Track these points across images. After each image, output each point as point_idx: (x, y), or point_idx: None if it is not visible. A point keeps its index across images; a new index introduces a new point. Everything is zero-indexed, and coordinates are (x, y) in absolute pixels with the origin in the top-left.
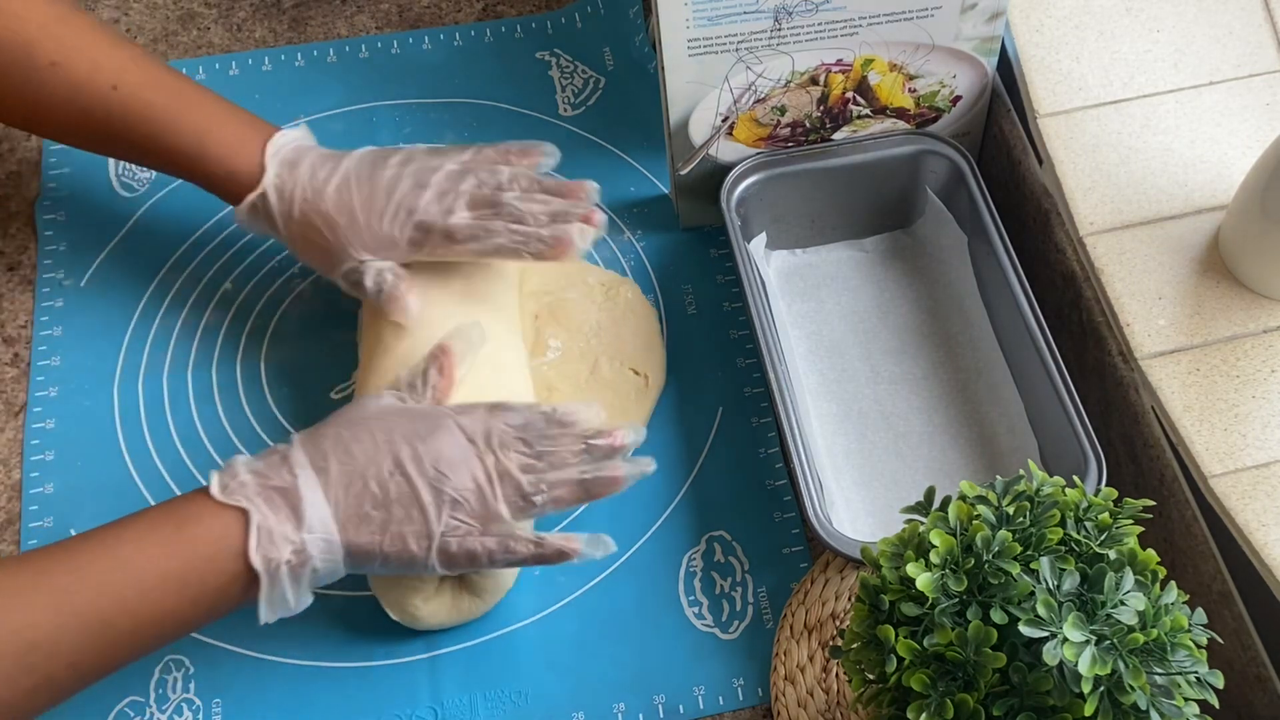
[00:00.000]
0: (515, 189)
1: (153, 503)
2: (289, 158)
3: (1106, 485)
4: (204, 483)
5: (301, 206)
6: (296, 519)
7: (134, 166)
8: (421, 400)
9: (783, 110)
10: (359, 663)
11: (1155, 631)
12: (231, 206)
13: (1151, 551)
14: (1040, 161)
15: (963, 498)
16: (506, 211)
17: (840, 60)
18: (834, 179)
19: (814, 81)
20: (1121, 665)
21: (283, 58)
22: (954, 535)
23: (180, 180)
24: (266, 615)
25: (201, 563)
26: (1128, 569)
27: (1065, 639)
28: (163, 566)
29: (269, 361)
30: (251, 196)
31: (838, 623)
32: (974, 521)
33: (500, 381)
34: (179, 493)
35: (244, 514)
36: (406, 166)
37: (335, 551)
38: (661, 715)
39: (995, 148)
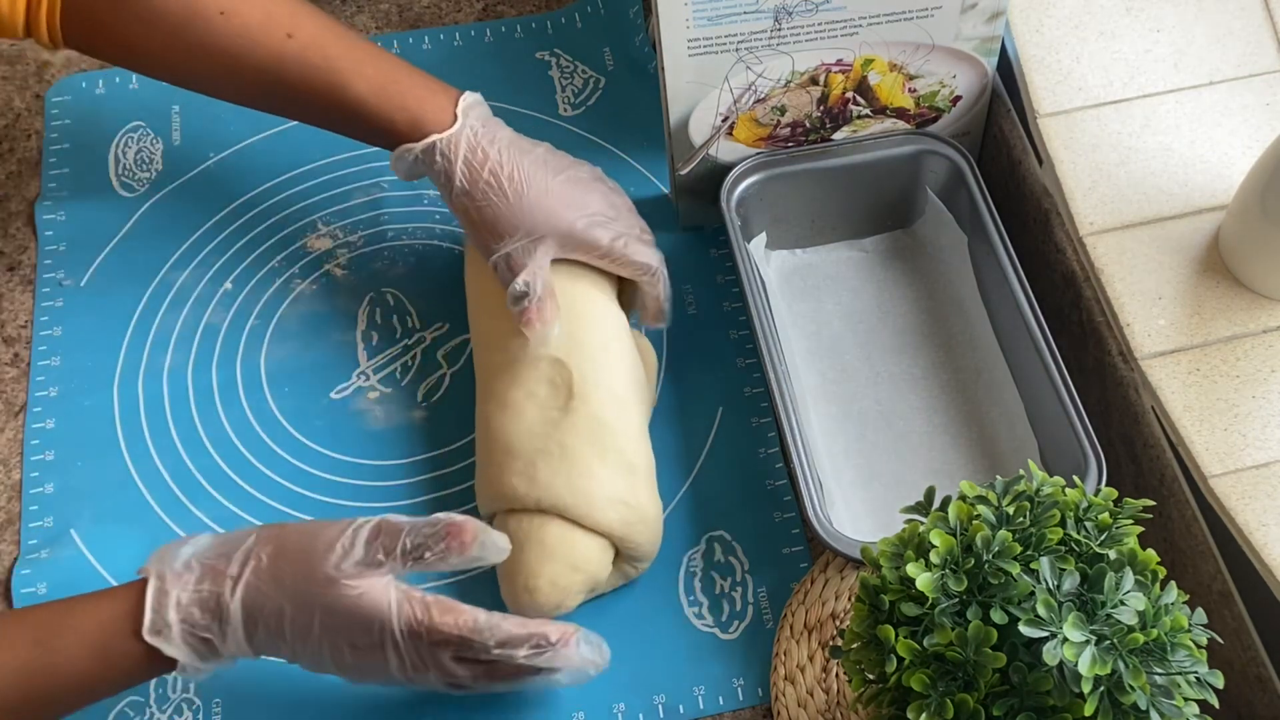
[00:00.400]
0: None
1: (153, 503)
2: (484, 116)
3: (1106, 485)
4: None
5: (494, 167)
6: (216, 660)
7: (134, 166)
8: (401, 570)
9: (783, 110)
10: None
11: (1155, 631)
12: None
13: (1151, 551)
14: (1040, 161)
15: (963, 498)
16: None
17: (840, 60)
18: (834, 179)
19: (814, 81)
20: (1121, 665)
21: None
22: (954, 535)
23: (181, 180)
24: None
25: (122, 684)
26: (1128, 569)
27: (1065, 639)
28: (91, 691)
29: (269, 361)
30: (437, 137)
31: (838, 623)
32: (974, 521)
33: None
34: (179, 494)
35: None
36: (597, 178)
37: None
38: (661, 715)
39: (995, 148)
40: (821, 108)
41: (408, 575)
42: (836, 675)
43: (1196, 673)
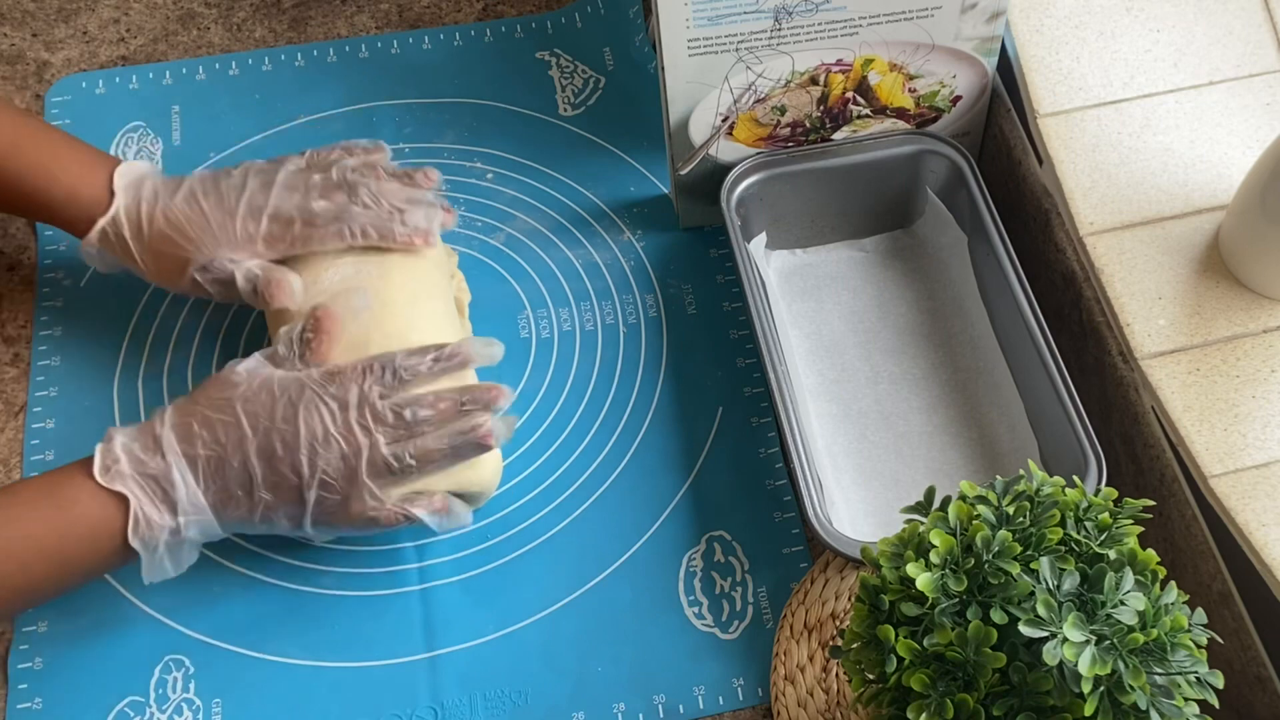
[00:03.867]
0: (367, 175)
1: None
2: (133, 182)
3: (1106, 485)
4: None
5: (150, 222)
6: (171, 505)
7: None
8: (295, 364)
9: (783, 110)
10: (359, 663)
11: (1155, 631)
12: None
13: (1151, 551)
14: (1040, 161)
15: (963, 498)
16: (361, 197)
17: (840, 60)
18: (834, 179)
19: (814, 81)
20: (1121, 665)
21: (283, 58)
22: (954, 535)
23: None
24: (148, 579)
25: (81, 542)
26: (1128, 569)
27: (1065, 639)
28: (42, 544)
29: None
30: (103, 221)
31: (838, 623)
32: (974, 521)
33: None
34: None
35: (123, 498)
36: (249, 173)
37: (211, 526)
38: (661, 715)
39: (995, 148)
40: (821, 108)
41: None
42: (836, 675)
43: (1196, 673)
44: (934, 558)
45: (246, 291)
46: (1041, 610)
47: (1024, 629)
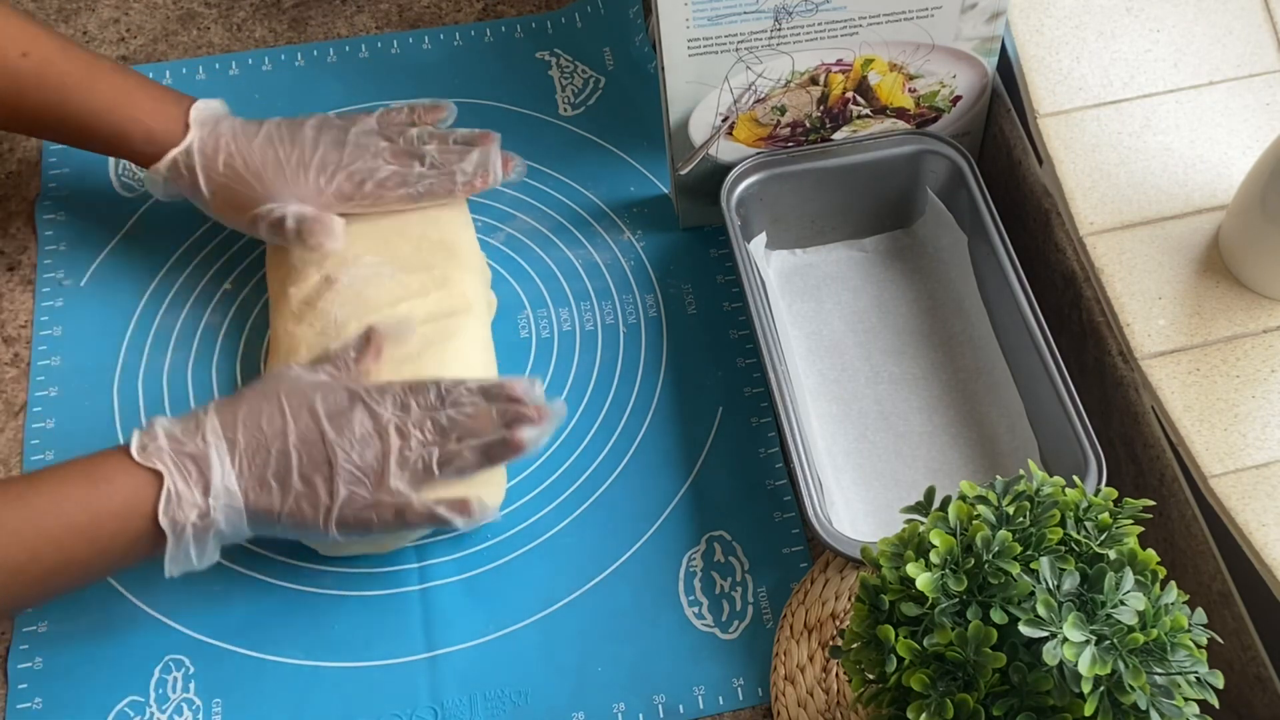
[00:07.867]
0: (431, 142)
1: None
2: (209, 120)
3: (1106, 485)
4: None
5: (226, 161)
6: (204, 485)
7: (134, 166)
8: (343, 374)
9: (783, 110)
10: (359, 663)
11: (1155, 631)
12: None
13: (1151, 551)
14: (1040, 161)
15: (963, 498)
16: (428, 161)
17: (840, 60)
18: (834, 179)
19: (814, 81)
20: (1121, 665)
21: (283, 58)
22: (954, 535)
23: None
24: (171, 570)
25: (111, 519)
26: (1128, 569)
27: (1065, 639)
28: (74, 520)
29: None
30: (175, 152)
31: (838, 623)
32: (974, 521)
33: (463, 354)
34: None
35: (157, 476)
36: (323, 128)
37: (239, 516)
38: (661, 715)
39: (995, 148)
40: (821, 108)
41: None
42: (836, 675)
43: (1196, 673)
44: (934, 558)
45: (291, 231)
46: (1041, 610)
47: (1024, 629)
